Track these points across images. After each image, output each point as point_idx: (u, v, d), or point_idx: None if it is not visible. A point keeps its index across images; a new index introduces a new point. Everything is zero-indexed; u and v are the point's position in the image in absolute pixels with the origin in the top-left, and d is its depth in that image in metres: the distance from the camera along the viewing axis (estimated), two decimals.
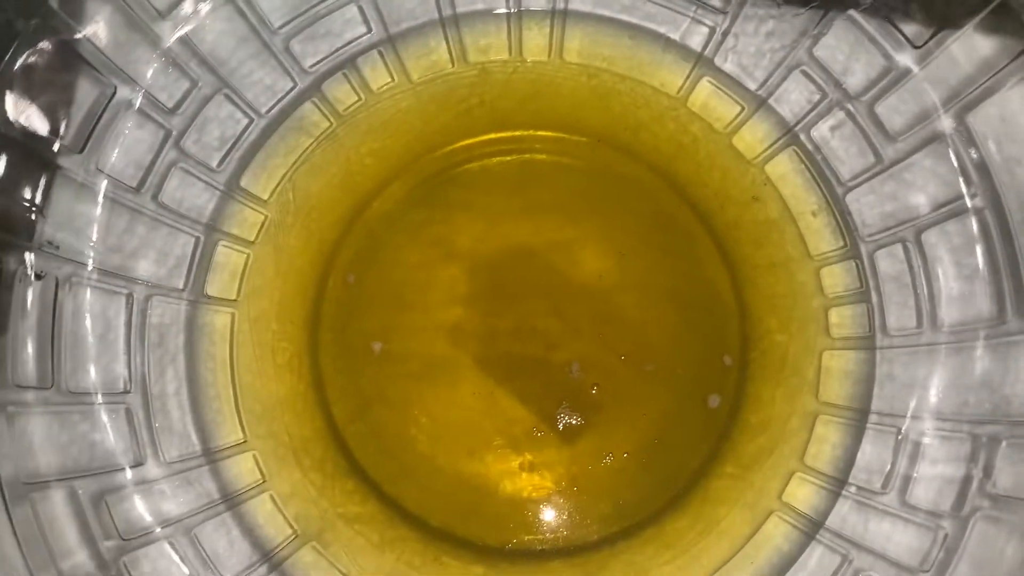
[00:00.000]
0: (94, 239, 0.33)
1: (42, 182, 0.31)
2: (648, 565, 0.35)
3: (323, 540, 0.35)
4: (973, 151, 0.32)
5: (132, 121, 0.33)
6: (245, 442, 0.35)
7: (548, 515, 0.37)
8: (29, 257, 0.31)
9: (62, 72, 0.31)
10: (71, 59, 0.31)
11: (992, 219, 0.32)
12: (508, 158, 0.39)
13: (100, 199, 0.33)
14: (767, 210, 0.37)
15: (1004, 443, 0.30)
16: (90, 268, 0.33)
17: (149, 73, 0.33)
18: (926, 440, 0.33)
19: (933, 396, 0.33)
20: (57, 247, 0.32)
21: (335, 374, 0.38)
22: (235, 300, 0.36)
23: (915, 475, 0.32)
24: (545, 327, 0.37)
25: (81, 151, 0.32)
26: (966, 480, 0.31)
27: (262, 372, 0.36)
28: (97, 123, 0.32)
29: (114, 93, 0.32)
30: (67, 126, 0.32)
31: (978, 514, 0.30)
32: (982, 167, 0.31)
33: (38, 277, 0.31)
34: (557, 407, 0.37)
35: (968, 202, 0.32)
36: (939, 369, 0.33)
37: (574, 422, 0.37)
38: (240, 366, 0.36)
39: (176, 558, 0.32)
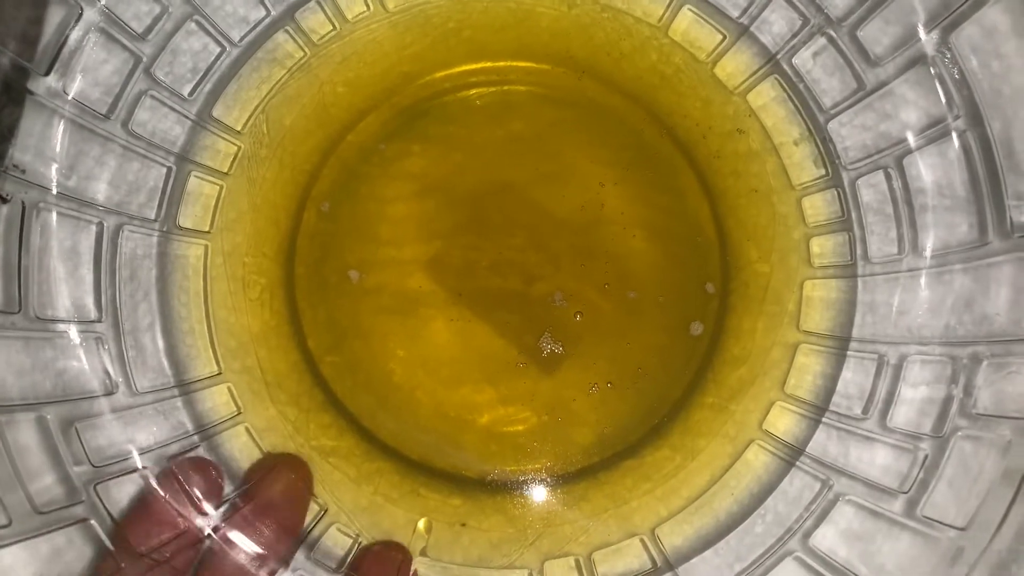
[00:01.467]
0: (61, 164, 0.32)
1: (7, 104, 0.30)
2: (628, 496, 0.35)
3: None
4: (956, 71, 0.31)
5: (100, 45, 0.32)
6: (219, 374, 0.35)
7: (528, 446, 0.36)
8: None
9: None
10: None
11: (974, 140, 0.31)
12: (486, 89, 0.38)
13: (67, 123, 0.32)
14: (749, 140, 0.36)
15: (985, 363, 0.30)
16: (57, 194, 0.32)
17: None
18: (907, 364, 0.32)
19: (914, 321, 0.33)
20: (23, 171, 0.31)
21: (310, 308, 0.37)
22: (208, 232, 0.36)
23: (896, 399, 0.32)
24: (525, 260, 0.37)
25: (47, 73, 0.31)
26: (946, 401, 0.31)
27: (236, 306, 0.36)
28: (63, 44, 0.32)
29: (80, 14, 0.32)
30: (33, 46, 0.31)
31: (958, 434, 0.30)
32: (964, 87, 0.31)
33: (3, 200, 0.30)
34: (538, 338, 0.36)
35: (951, 124, 0.32)
36: (920, 294, 0.33)
37: (557, 351, 0.36)
38: (214, 300, 0.35)
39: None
